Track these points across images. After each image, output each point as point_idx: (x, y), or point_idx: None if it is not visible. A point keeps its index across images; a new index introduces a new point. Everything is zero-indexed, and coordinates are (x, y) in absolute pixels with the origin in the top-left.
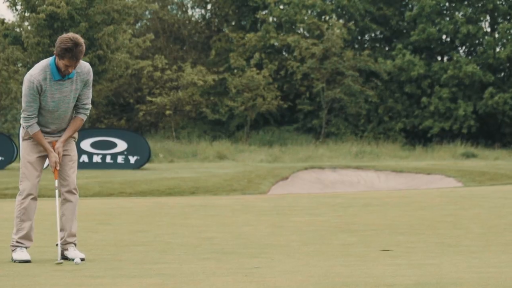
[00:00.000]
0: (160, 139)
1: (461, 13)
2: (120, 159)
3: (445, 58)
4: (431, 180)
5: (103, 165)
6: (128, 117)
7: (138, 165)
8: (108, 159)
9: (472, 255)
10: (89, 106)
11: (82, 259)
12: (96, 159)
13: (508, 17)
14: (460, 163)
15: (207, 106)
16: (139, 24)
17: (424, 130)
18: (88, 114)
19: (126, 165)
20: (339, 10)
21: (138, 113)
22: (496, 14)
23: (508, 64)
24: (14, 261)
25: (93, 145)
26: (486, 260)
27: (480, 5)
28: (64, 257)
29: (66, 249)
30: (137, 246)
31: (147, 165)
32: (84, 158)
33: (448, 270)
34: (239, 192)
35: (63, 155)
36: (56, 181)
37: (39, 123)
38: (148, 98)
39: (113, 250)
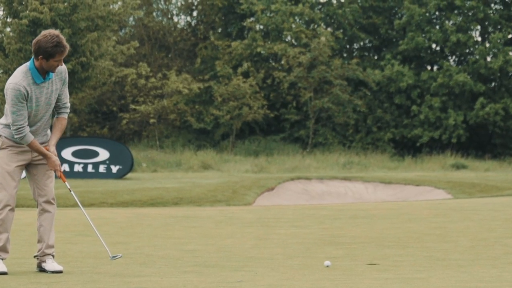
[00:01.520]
0: (144, 148)
1: (451, 22)
2: (102, 168)
3: (435, 67)
4: (421, 192)
5: (84, 175)
6: (111, 126)
7: (120, 175)
8: (90, 168)
9: (461, 269)
10: (69, 104)
11: (60, 271)
12: (78, 168)
13: (499, 27)
14: (450, 174)
15: (192, 114)
16: (123, 31)
17: (413, 140)
18: (68, 113)
19: (108, 174)
20: (327, 18)
21: (121, 122)
22: (487, 23)
23: (499, 74)
24: None
25: (75, 154)
26: (475, 274)
27: (470, 14)
28: (42, 269)
29: (44, 261)
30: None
31: (129, 175)
32: (65, 167)
33: (436, 285)
34: (224, 203)
35: (40, 164)
36: (67, 183)
37: (33, 130)
38: (132, 106)
39: (92, 262)
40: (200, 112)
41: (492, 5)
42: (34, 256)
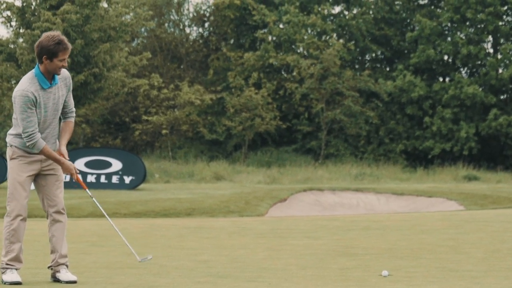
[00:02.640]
0: (156, 159)
1: (463, 34)
2: (115, 179)
3: (447, 79)
4: (433, 203)
5: (97, 185)
6: (124, 136)
7: (133, 186)
8: (103, 179)
9: (474, 281)
10: (74, 109)
11: (74, 281)
12: (90, 178)
13: (511, 38)
14: (462, 186)
15: (205, 125)
16: (135, 42)
17: (425, 151)
18: (74, 117)
19: (121, 185)
20: (339, 29)
21: (134, 132)
22: (498, 35)
23: (511, 86)
24: (5, 283)
25: (88, 164)
26: (488, 286)
27: (482, 26)
28: (56, 279)
29: (58, 271)
30: (130, 269)
31: (142, 186)
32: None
33: None
34: (236, 214)
35: (49, 174)
36: (87, 190)
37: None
38: (144, 117)
39: (105, 272)
40: (213, 123)
41: (504, 16)
42: (48, 267)
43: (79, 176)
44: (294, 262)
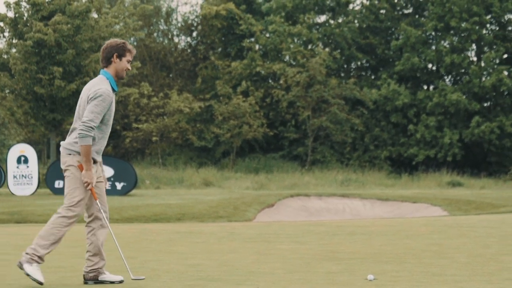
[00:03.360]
0: (147, 166)
1: (447, 42)
2: (107, 185)
3: (431, 87)
4: (417, 209)
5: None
6: (115, 144)
7: (124, 192)
8: None
9: (457, 285)
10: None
11: (121, 281)
12: None
13: (494, 46)
14: (446, 191)
15: (194, 133)
16: None
17: (409, 158)
18: None
19: (113, 191)
20: (325, 38)
21: (124, 140)
22: (482, 43)
23: (494, 93)
24: (27, 275)
25: None
26: None
27: (465, 34)
28: (97, 281)
29: (103, 273)
30: (124, 273)
31: (133, 192)
32: None
33: None
34: (225, 219)
35: (101, 182)
36: (98, 202)
37: (94, 141)
38: (135, 125)
39: None
40: (201, 131)
41: (488, 25)
42: (91, 270)
43: (94, 190)
44: (281, 266)
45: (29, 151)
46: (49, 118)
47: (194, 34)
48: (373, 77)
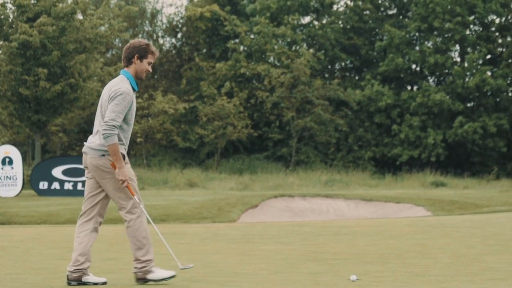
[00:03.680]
0: (131, 167)
1: (430, 43)
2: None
3: (415, 87)
4: (401, 209)
5: (74, 192)
6: None
7: None
8: (80, 186)
9: (441, 285)
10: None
11: (104, 283)
12: (68, 186)
13: (478, 47)
14: (429, 192)
15: (178, 134)
16: (110, 52)
17: (393, 158)
18: None
19: None
20: (309, 39)
21: None
22: (465, 44)
23: (477, 94)
24: (159, 280)
25: (65, 172)
26: None
27: (449, 35)
28: (82, 283)
29: (87, 274)
30: (107, 274)
31: None
32: (56, 185)
33: None
34: (209, 220)
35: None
36: (135, 197)
37: (122, 141)
38: None
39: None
40: (186, 132)
41: (471, 26)
42: (75, 270)
43: (130, 185)
44: (265, 267)
45: (14, 153)
46: (34, 119)
47: (179, 35)
48: (357, 77)
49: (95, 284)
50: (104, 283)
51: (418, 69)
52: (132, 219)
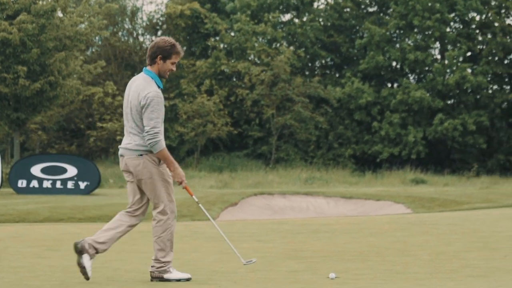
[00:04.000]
0: (111, 165)
1: (410, 40)
2: (70, 184)
3: (395, 85)
4: (381, 206)
5: (53, 191)
6: (79, 143)
7: (88, 191)
8: (58, 185)
9: (420, 282)
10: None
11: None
12: (46, 184)
13: (458, 44)
14: (409, 189)
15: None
16: (90, 50)
17: (373, 156)
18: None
19: (76, 190)
20: (289, 37)
21: (88, 139)
22: (446, 41)
23: (457, 91)
24: (179, 280)
25: (43, 170)
26: (433, 287)
27: (429, 32)
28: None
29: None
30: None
31: (97, 191)
32: (34, 183)
33: None
34: (189, 218)
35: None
36: (194, 196)
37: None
38: (99, 124)
39: (61, 276)
40: (165, 129)
41: (452, 23)
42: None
43: (187, 185)
44: (244, 265)
45: None
46: (13, 117)
47: (159, 33)
48: (337, 75)
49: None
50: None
51: (398, 66)
52: (162, 219)
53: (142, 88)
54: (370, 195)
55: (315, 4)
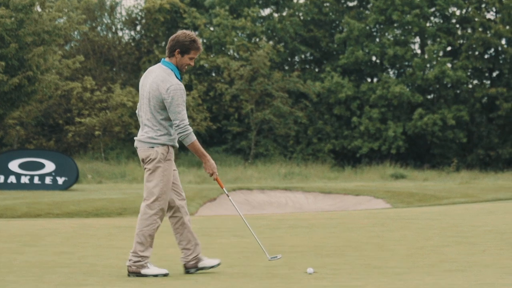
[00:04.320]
0: (89, 160)
1: (390, 35)
2: (48, 180)
3: (375, 80)
4: (360, 201)
5: (31, 186)
6: (57, 138)
7: (66, 186)
8: (36, 180)
9: (398, 277)
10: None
11: (219, 264)
12: (24, 180)
13: (438, 39)
14: (389, 184)
15: (136, 127)
16: (69, 45)
17: (353, 151)
18: None
19: (54, 186)
20: (269, 32)
21: (67, 134)
22: (425, 36)
23: (437, 86)
24: (156, 276)
25: (21, 166)
26: (411, 282)
27: (409, 27)
28: (199, 269)
29: (201, 259)
30: (61, 268)
31: (75, 186)
32: (12, 179)
33: None
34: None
35: (175, 170)
36: (225, 189)
37: (172, 134)
38: (77, 119)
39: (37, 271)
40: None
41: (432, 18)
42: (191, 259)
43: (218, 177)
44: (221, 260)
45: None
46: None
47: (138, 27)
48: (317, 70)
49: (212, 267)
50: (219, 264)
51: (378, 61)
52: (148, 213)
53: (162, 79)
54: (349, 190)
55: None
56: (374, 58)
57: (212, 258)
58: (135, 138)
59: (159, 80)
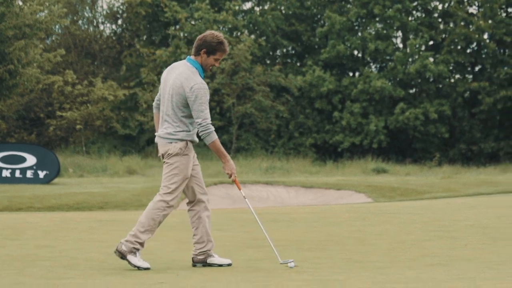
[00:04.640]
0: (70, 154)
1: (372, 29)
2: (29, 173)
3: (356, 74)
4: (341, 196)
5: (12, 180)
6: (39, 132)
7: (47, 180)
8: (17, 174)
9: (379, 271)
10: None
11: (230, 264)
12: (5, 173)
13: (420, 33)
14: (370, 178)
15: (118, 121)
16: (50, 39)
17: (334, 145)
18: None
19: (35, 179)
20: (250, 26)
21: (48, 128)
22: (407, 30)
23: (419, 80)
24: (139, 268)
25: (2, 159)
26: (392, 276)
27: (390, 21)
28: (207, 264)
29: (212, 255)
30: (42, 261)
31: (56, 180)
32: None
33: (353, 286)
34: None
35: (196, 164)
36: (242, 191)
37: (190, 129)
38: (59, 113)
39: (19, 265)
40: (126, 119)
41: (414, 12)
42: (199, 253)
43: (236, 178)
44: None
45: None
46: None
47: (119, 21)
48: (298, 64)
49: (220, 265)
50: (229, 265)
51: (359, 55)
52: (161, 201)
53: (186, 77)
54: (331, 184)
55: None
56: (355, 52)
57: (223, 258)
58: (155, 134)
59: (183, 77)
